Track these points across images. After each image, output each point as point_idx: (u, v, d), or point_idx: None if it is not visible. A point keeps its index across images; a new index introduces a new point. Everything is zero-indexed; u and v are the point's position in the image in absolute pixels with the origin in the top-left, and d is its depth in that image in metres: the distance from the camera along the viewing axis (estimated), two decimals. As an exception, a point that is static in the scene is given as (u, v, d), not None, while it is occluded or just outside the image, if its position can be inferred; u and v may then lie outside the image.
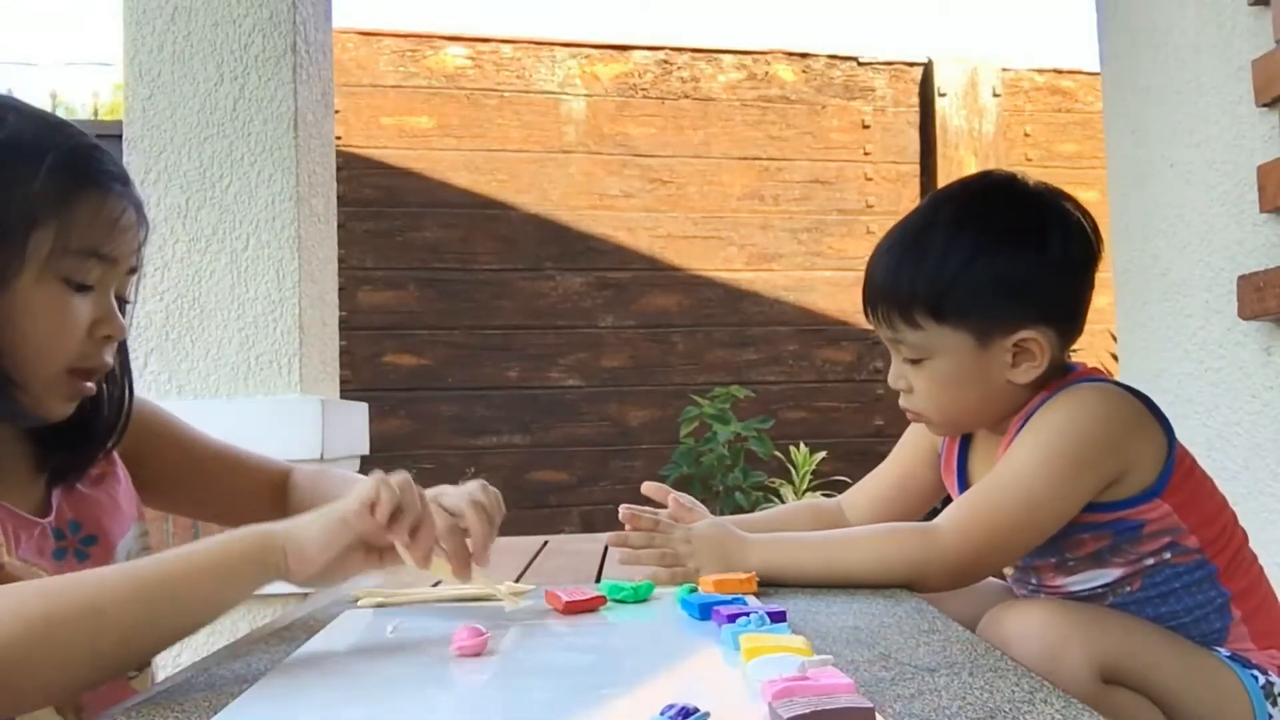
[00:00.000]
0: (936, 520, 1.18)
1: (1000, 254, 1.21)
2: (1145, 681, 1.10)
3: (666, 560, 1.17)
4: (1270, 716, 1.15)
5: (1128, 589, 1.22)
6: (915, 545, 1.16)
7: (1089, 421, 1.17)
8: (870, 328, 1.31)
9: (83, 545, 1.04)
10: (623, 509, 1.23)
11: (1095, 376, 1.27)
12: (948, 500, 1.33)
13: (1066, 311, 1.25)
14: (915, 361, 1.24)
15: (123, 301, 1.06)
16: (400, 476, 0.97)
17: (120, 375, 1.11)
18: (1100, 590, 1.23)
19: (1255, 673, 1.16)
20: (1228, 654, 1.18)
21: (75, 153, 0.98)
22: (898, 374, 1.28)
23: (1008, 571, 1.35)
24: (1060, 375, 1.26)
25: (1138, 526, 1.19)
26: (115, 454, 1.14)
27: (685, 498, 1.33)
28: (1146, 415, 1.21)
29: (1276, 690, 1.16)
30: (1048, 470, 1.15)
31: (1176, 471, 1.20)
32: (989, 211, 1.26)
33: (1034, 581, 1.31)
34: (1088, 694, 1.03)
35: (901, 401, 1.29)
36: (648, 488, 1.37)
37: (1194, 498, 1.22)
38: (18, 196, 0.93)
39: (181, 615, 0.85)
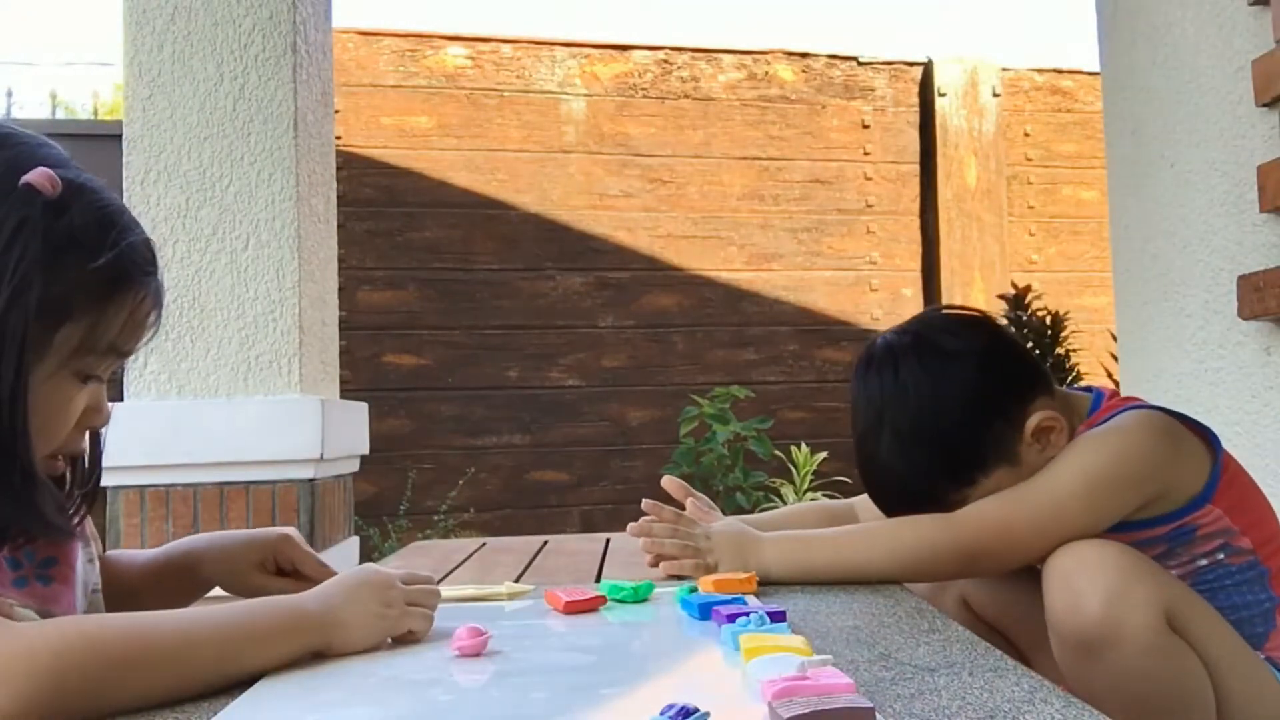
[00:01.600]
0: (963, 509, 1.18)
1: (953, 383, 1.23)
2: (1197, 645, 1.11)
3: (688, 551, 1.18)
4: None
5: None
6: (931, 530, 1.16)
7: (1131, 449, 1.19)
8: (871, 327, 1.31)
9: (42, 569, 1.02)
10: (646, 502, 1.25)
11: (1135, 404, 1.27)
12: None
13: (1040, 378, 1.27)
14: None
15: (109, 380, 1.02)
16: (398, 582, 0.96)
17: (90, 456, 1.08)
18: None
19: None
20: (1264, 657, 1.19)
21: (125, 253, 0.94)
22: None
23: None
24: (1090, 411, 1.27)
25: (1191, 531, 1.20)
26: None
27: (704, 499, 1.35)
28: (1187, 434, 1.22)
29: None
30: (1083, 488, 1.16)
31: (1224, 477, 1.22)
32: (921, 367, 1.25)
33: None
34: (1154, 628, 1.04)
35: None
36: (668, 483, 1.37)
37: (1243, 500, 1.23)
38: (60, 291, 0.89)
39: (218, 674, 0.83)
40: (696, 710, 0.62)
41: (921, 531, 1.17)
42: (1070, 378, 4.22)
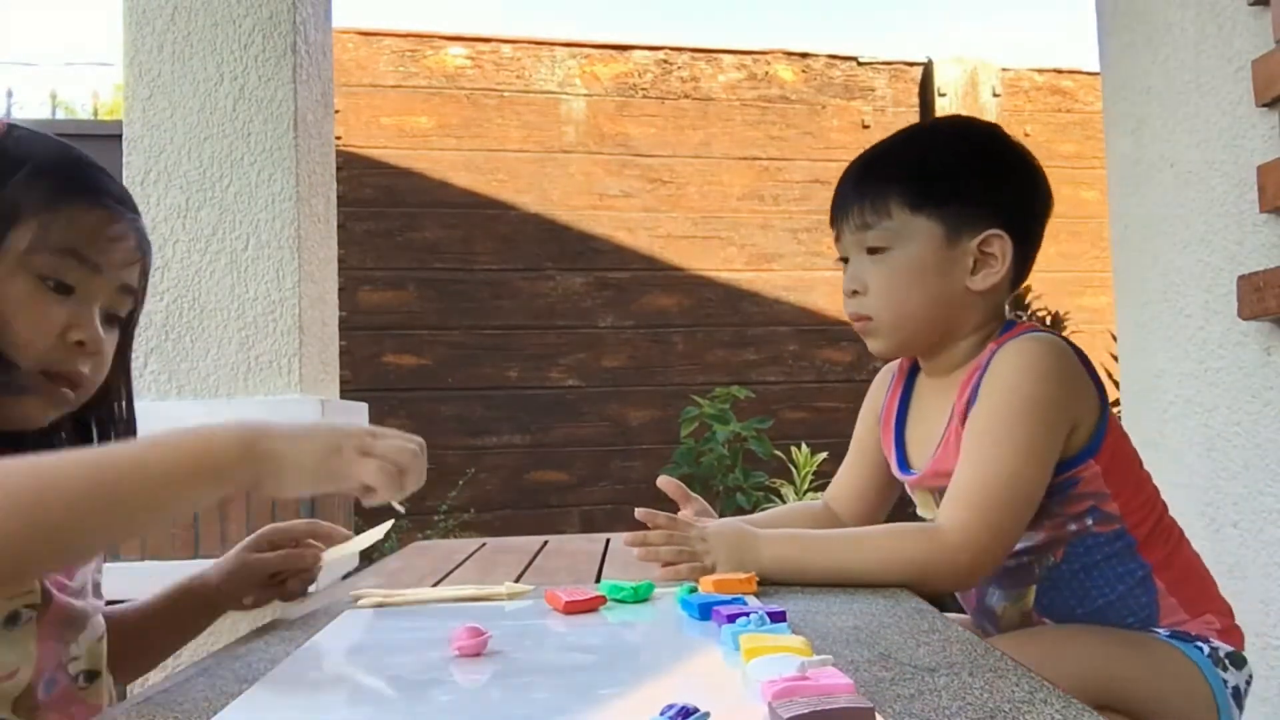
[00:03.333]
0: (937, 520, 1.18)
1: (981, 156, 1.29)
2: (1111, 693, 1.11)
3: (684, 556, 1.17)
4: (1225, 682, 1.17)
5: (1051, 559, 1.23)
6: (920, 546, 1.15)
7: (1045, 380, 1.18)
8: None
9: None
10: (639, 511, 1.25)
11: (1036, 329, 1.28)
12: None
13: (1028, 234, 1.28)
14: (876, 253, 1.25)
15: (116, 318, 1.06)
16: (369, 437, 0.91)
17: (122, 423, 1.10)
18: (1026, 560, 1.24)
19: (1198, 644, 1.18)
20: (1167, 633, 1.20)
21: (67, 162, 1.02)
22: (853, 275, 1.28)
23: None
24: (1000, 330, 1.28)
25: (1070, 486, 1.20)
26: None
27: (700, 502, 1.37)
28: (1084, 372, 1.23)
29: (1222, 654, 1.19)
30: (1023, 438, 1.15)
31: (1108, 434, 1.22)
32: (965, 132, 1.36)
33: None
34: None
35: (851, 308, 1.29)
36: (663, 483, 1.38)
37: (1119, 461, 1.23)
38: (7, 196, 0.96)
39: (135, 497, 0.81)
40: (696, 710, 0.62)
41: (913, 543, 1.16)
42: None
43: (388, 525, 1.18)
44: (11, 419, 1.00)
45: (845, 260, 1.31)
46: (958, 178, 1.26)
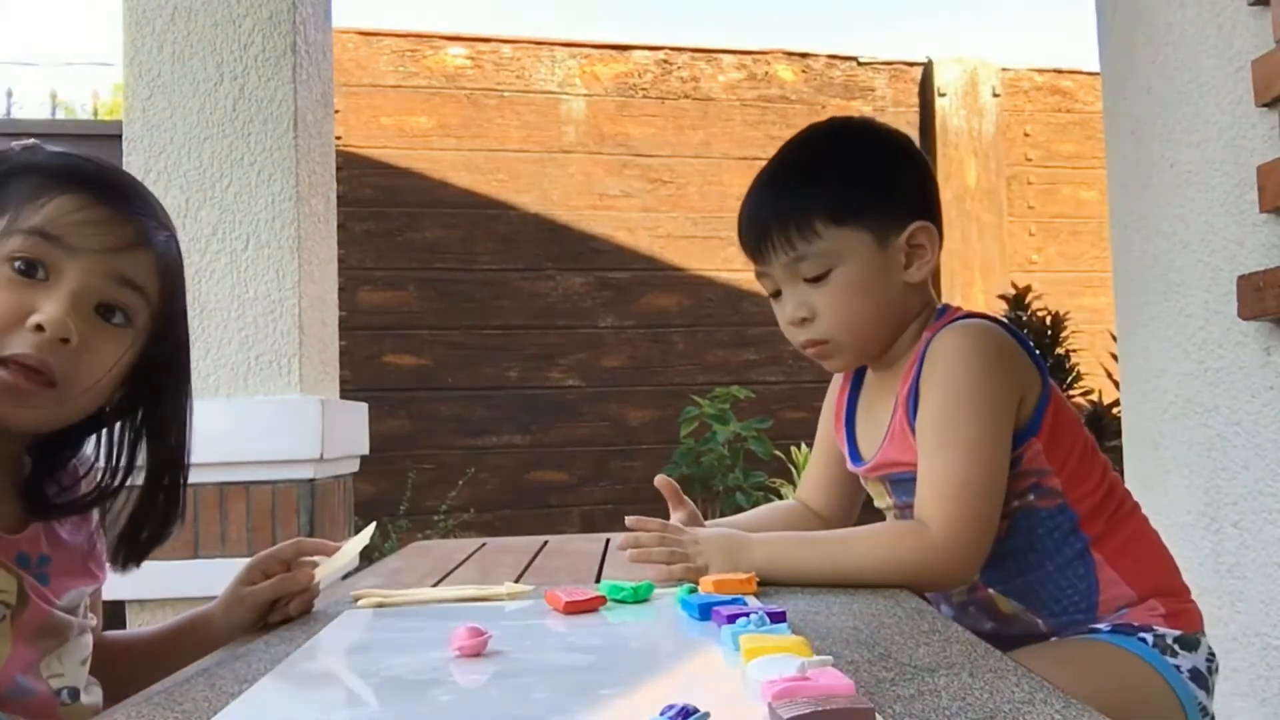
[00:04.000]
0: (919, 519, 1.17)
1: (878, 159, 1.29)
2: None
3: (676, 557, 1.18)
4: (1179, 668, 1.17)
5: (997, 534, 1.22)
6: (911, 546, 1.15)
7: (985, 363, 1.19)
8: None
9: (38, 581, 1.03)
10: (630, 519, 1.25)
11: (968, 314, 1.29)
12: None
13: (937, 216, 1.31)
14: (818, 280, 1.24)
15: (123, 317, 0.98)
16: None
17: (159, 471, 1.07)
18: None
19: (1141, 635, 1.18)
20: (1108, 629, 1.19)
21: (62, 162, 0.98)
22: (797, 304, 1.26)
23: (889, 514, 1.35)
24: (935, 317, 1.29)
25: (1012, 464, 1.20)
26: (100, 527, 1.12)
27: (690, 505, 1.38)
28: (1019, 350, 1.24)
29: (1170, 640, 1.18)
30: (981, 425, 1.16)
31: (1049, 410, 1.22)
32: (850, 134, 1.35)
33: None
34: None
35: (802, 336, 1.27)
36: (660, 481, 1.38)
37: (1062, 436, 1.23)
38: None
39: None
40: (696, 710, 0.62)
41: (903, 543, 1.16)
42: (1070, 378, 4.22)
43: (370, 528, 1.19)
44: None
45: (776, 293, 1.30)
46: (870, 181, 1.26)
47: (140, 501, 1.06)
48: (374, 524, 1.26)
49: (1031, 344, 1.26)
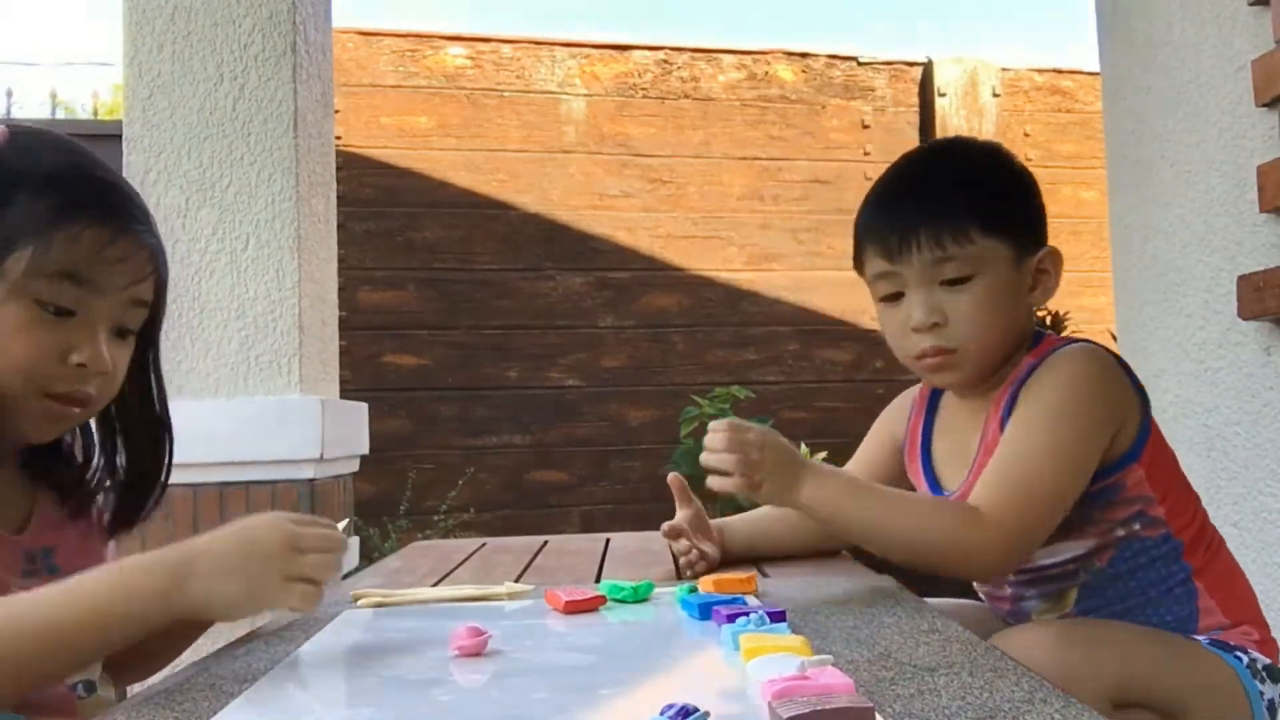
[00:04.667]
0: (972, 502, 1.14)
1: (1021, 180, 1.29)
2: (1150, 694, 1.10)
3: (740, 466, 1.15)
4: (1262, 694, 1.17)
5: (1097, 564, 1.22)
6: (955, 519, 1.12)
7: (1090, 380, 1.18)
8: (871, 328, 1.32)
9: (48, 574, 1.03)
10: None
11: (1074, 340, 1.28)
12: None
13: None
14: (956, 284, 1.21)
15: (128, 332, 1.05)
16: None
17: (153, 456, 1.11)
18: (1071, 567, 1.23)
19: (1237, 654, 1.17)
20: (1207, 640, 1.19)
21: (69, 181, 0.98)
22: (930, 308, 1.21)
23: None
24: (1033, 342, 1.28)
25: (1115, 492, 1.19)
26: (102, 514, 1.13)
27: (697, 503, 1.37)
28: (1124, 378, 1.23)
29: (1260, 666, 1.18)
30: (1062, 443, 1.14)
31: (1150, 436, 1.21)
32: (989, 152, 1.34)
33: None
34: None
35: (926, 343, 1.22)
36: (673, 479, 1.38)
37: (1161, 465, 1.23)
38: (4, 222, 0.94)
39: (63, 642, 0.85)
40: (696, 710, 0.62)
41: (951, 515, 1.13)
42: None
43: (343, 524, 1.19)
44: (15, 437, 1.00)
45: (895, 296, 1.25)
46: (1014, 197, 1.26)
47: (129, 467, 1.10)
48: (346, 520, 1.26)
49: (1134, 372, 1.25)
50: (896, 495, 1.19)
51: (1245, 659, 1.17)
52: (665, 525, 1.34)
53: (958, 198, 1.22)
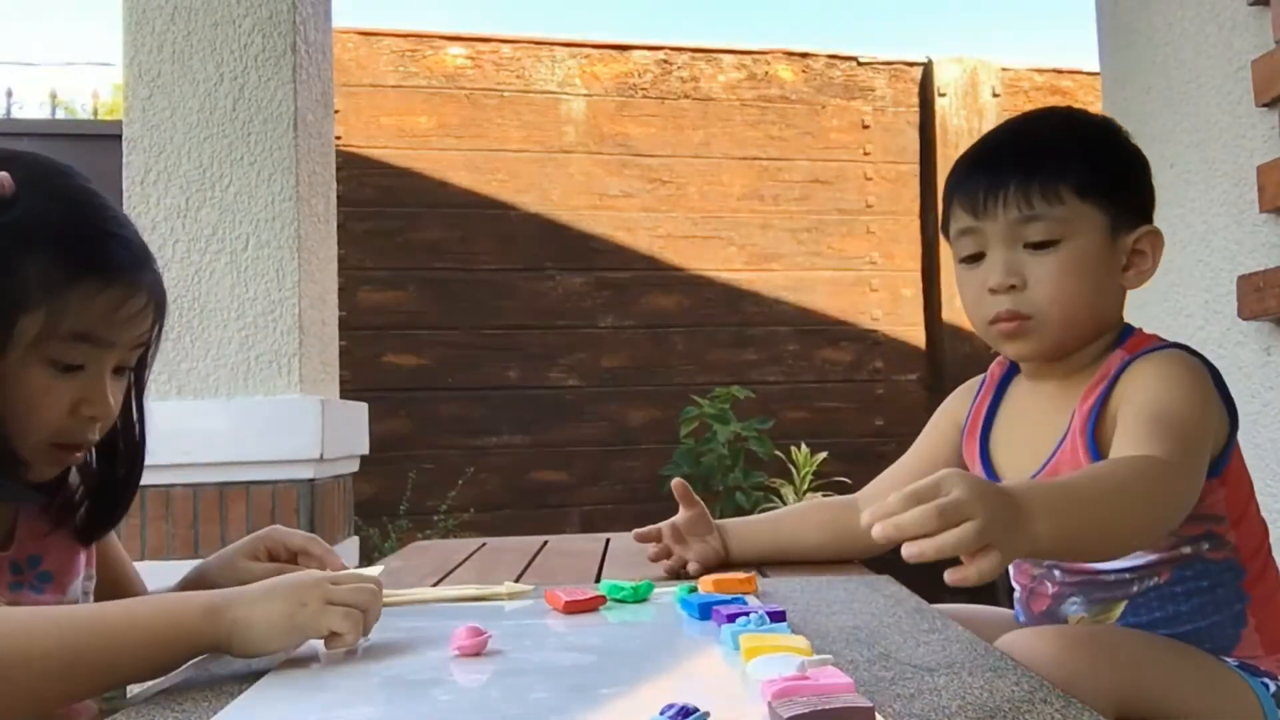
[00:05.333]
0: (1149, 452, 1.01)
1: (1126, 151, 1.21)
2: (1161, 705, 1.05)
3: (944, 521, 0.76)
4: None
5: (1155, 580, 1.15)
6: (1163, 474, 0.99)
7: (1204, 388, 1.12)
8: (871, 328, 1.30)
9: (38, 581, 1.03)
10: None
11: (1167, 343, 1.20)
12: None
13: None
14: (1040, 247, 1.14)
15: (126, 370, 1.06)
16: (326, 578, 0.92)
17: (128, 458, 1.12)
18: (1128, 576, 1.16)
19: (1265, 680, 1.13)
20: (1236, 663, 1.14)
21: (80, 241, 0.97)
22: (1008, 270, 1.15)
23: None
24: (1122, 335, 1.21)
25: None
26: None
27: (700, 506, 1.34)
28: (1215, 390, 1.16)
29: None
30: (1189, 429, 1.06)
31: (1234, 455, 1.16)
32: (1098, 121, 1.27)
33: (1047, 562, 1.21)
34: None
35: (1002, 306, 1.15)
36: (677, 484, 1.34)
37: (1239, 487, 1.17)
38: (11, 280, 0.93)
39: (100, 667, 0.82)
40: (696, 710, 0.62)
41: (1164, 486, 0.99)
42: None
43: (378, 569, 1.19)
44: (15, 476, 1.00)
45: (976, 256, 1.18)
46: (1119, 167, 1.19)
47: (103, 476, 1.11)
48: (381, 566, 1.28)
49: (1225, 384, 1.17)
50: (1114, 493, 0.96)
51: (1273, 686, 1.12)
52: (635, 531, 1.33)
53: (1054, 155, 1.15)
